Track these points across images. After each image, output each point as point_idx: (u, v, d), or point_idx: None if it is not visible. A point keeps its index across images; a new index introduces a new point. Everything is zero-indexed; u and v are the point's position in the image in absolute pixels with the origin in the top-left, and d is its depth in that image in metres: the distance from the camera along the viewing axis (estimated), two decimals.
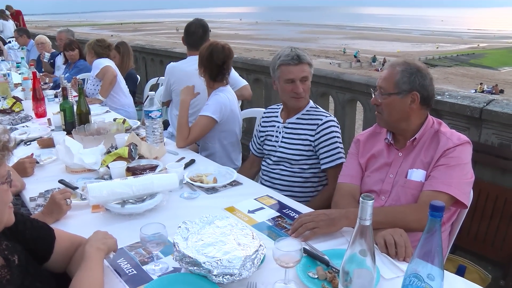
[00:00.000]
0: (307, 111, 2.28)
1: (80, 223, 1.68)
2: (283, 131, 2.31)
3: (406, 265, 1.15)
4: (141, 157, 2.24)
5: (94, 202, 1.70)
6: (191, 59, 3.14)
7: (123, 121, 2.94)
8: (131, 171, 2.02)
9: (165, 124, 3.23)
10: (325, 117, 2.23)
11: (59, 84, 3.57)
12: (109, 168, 2.03)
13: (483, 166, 2.67)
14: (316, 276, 1.31)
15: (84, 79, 4.60)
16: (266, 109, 2.54)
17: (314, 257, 1.40)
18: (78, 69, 4.82)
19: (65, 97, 2.81)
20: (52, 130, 2.87)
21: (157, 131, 2.48)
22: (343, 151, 2.22)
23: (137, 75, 4.83)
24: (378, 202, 1.76)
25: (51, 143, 2.53)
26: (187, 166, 2.21)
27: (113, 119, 3.02)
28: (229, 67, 2.66)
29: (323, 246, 1.48)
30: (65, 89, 2.82)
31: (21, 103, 3.50)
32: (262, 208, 1.80)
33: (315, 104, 2.34)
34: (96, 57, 4.16)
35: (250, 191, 1.98)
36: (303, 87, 2.17)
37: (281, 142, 2.29)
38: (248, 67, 4.70)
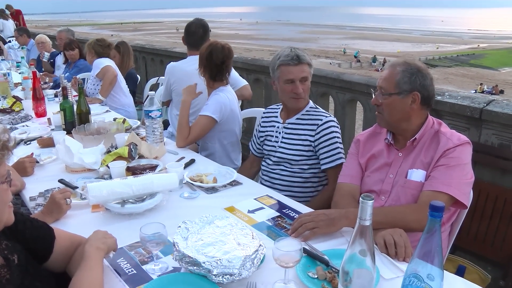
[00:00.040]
0: (307, 111, 2.27)
1: (80, 222, 1.68)
2: (283, 131, 2.31)
3: (406, 265, 1.15)
4: (141, 156, 2.24)
5: (94, 201, 1.70)
6: (191, 59, 3.14)
7: (123, 120, 2.95)
8: (131, 171, 2.02)
9: (165, 124, 3.22)
10: (325, 117, 2.23)
11: (59, 84, 3.58)
12: (109, 167, 2.03)
13: (483, 167, 2.68)
14: (316, 276, 1.31)
15: (84, 79, 4.60)
16: (266, 109, 2.53)
17: (314, 257, 1.40)
18: (78, 68, 4.82)
19: (65, 96, 2.81)
20: (52, 130, 2.87)
21: (157, 130, 2.48)
22: (343, 151, 2.22)
23: (137, 75, 4.83)
24: (378, 202, 1.76)
25: (51, 143, 2.53)
26: (187, 166, 2.21)
27: (113, 119, 3.03)
28: (229, 67, 2.66)
29: (323, 246, 1.48)
30: (65, 88, 2.82)
31: (21, 103, 3.50)
32: (262, 208, 1.80)
33: (315, 104, 2.34)
34: (96, 56, 4.16)
35: (250, 191, 1.98)
36: (302, 88, 2.17)
37: (281, 143, 2.29)
38: (248, 67, 4.70)
